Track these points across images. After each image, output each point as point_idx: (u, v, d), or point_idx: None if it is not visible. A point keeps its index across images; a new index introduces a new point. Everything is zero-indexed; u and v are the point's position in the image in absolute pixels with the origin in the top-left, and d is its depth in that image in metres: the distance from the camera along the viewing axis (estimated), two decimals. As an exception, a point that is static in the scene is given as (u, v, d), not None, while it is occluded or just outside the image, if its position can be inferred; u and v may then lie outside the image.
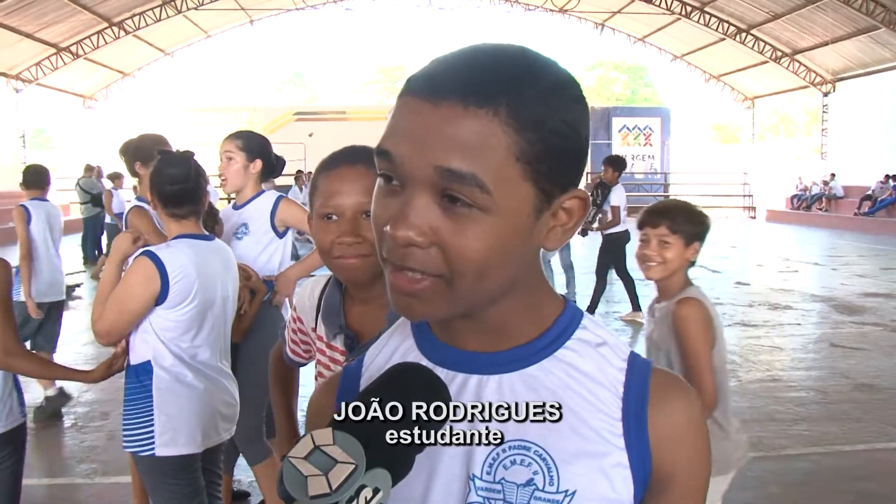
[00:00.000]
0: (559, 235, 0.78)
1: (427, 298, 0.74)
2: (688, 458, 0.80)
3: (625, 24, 28.04)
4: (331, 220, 1.45)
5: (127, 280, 2.44)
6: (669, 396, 0.80)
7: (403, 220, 0.72)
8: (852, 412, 5.42)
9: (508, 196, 0.71)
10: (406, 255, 0.73)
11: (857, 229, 21.60)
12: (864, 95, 24.73)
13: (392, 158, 0.73)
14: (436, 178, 0.70)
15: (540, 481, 0.77)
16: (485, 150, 0.70)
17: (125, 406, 2.55)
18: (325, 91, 55.97)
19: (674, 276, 2.52)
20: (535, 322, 0.82)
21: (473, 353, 0.82)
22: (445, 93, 0.71)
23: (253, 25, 28.31)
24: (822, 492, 4.08)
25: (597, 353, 0.82)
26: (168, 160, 2.56)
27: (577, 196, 0.77)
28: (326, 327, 1.61)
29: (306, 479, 0.61)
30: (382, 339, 0.93)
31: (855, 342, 7.61)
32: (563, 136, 0.73)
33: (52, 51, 23.05)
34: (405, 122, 0.73)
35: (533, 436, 0.77)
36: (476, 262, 0.72)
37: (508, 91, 0.71)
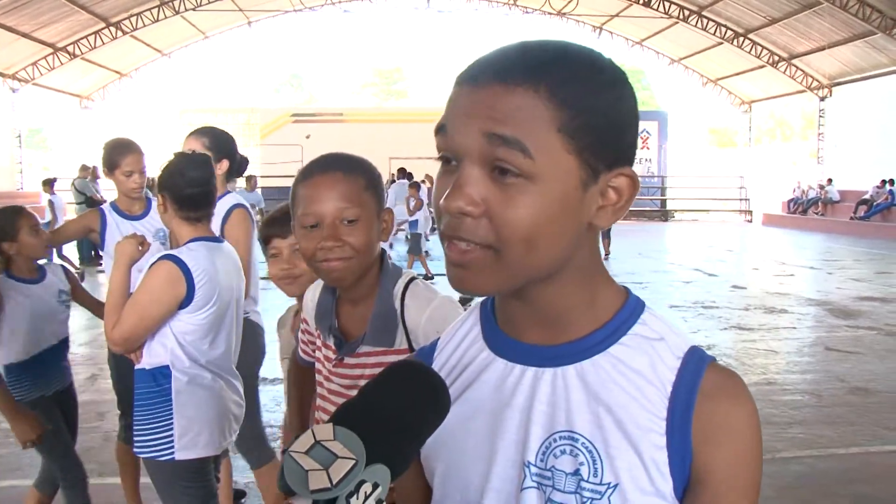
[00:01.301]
0: (609, 214, 0.81)
1: (477, 269, 0.78)
2: (726, 460, 0.79)
3: (622, 27, 28.09)
4: (313, 228, 1.49)
5: (149, 285, 2.37)
6: (717, 397, 0.80)
7: (456, 191, 0.76)
8: (847, 415, 5.44)
9: (552, 165, 0.75)
10: (458, 225, 0.77)
11: (852, 233, 21.65)
12: (860, 100, 24.79)
13: (446, 130, 0.79)
14: (484, 145, 0.75)
15: (585, 472, 0.80)
16: (527, 119, 0.74)
17: (140, 411, 2.49)
18: (323, 93, 55.97)
19: None
20: (593, 315, 0.85)
21: (532, 345, 0.86)
22: (488, 77, 0.76)
23: (250, 27, 28.29)
24: (817, 495, 4.09)
25: (652, 349, 0.83)
26: (187, 162, 2.52)
27: (624, 174, 0.80)
28: (319, 328, 1.66)
29: (307, 474, 0.62)
30: (458, 323, 0.97)
31: (850, 346, 7.63)
32: (601, 113, 0.77)
33: (49, 50, 23.02)
34: (454, 103, 0.79)
35: (582, 428, 0.81)
36: (524, 231, 0.75)
37: (547, 70, 0.76)
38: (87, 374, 6.25)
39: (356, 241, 1.48)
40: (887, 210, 21.73)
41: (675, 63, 29.78)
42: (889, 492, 4.20)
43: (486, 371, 0.88)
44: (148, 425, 2.46)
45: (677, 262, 15.00)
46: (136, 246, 2.56)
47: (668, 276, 12.98)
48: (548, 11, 27.03)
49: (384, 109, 39.71)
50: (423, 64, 65.18)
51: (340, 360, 1.60)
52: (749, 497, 0.80)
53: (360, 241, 1.49)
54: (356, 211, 1.48)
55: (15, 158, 25.48)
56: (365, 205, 1.49)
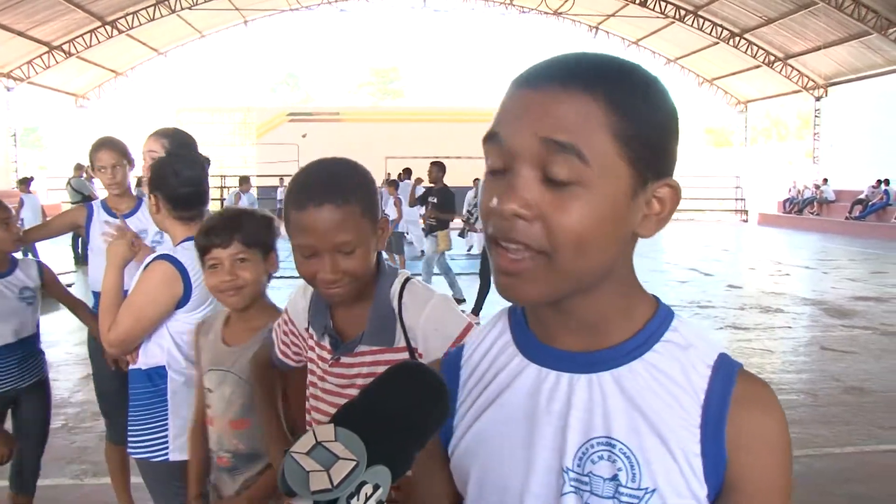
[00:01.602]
0: (653, 224, 0.82)
1: (529, 278, 0.79)
2: (760, 468, 0.81)
3: (619, 27, 28.11)
4: (309, 256, 1.47)
5: (146, 285, 2.35)
6: (749, 403, 0.82)
7: (510, 193, 0.76)
8: (842, 415, 5.45)
9: (606, 172, 0.76)
10: (511, 227, 0.77)
11: (847, 233, 21.69)
12: (855, 100, 24.85)
13: (499, 137, 0.78)
14: (539, 149, 0.75)
15: (623, 477, 0.81)
16: (584, 125, 0.75)
17: (134, 412, 2.46)
18: (319, 92, 55.96)
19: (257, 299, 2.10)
20: (627, 323, 0.86)
21: (567, 352, 0.87)
22: (546, 80, 0.77)
23: (247, 26, 28.27)
24: (812, 494, 4.10)
25: (684, 356, 0.85)
26: (180, 162, 2.50)
27: (669, 184, 0.82)
28: (313, 328, 1.65)
29: (308, 475, 0.62)
30: (484, 329, 0.97)
31: (845, 345, 7.64)
32: (655, 125, 0.79)
33: (45, 49, 22.97)
34: (510, 107, 0.79)
35: (619, 434, 0.82)
36: (576, 237, 0.76)
37: (605, 77, 0.77)
38: (83, 373, 6.24)
39: (355, 268, 1.48)
40: (882, 210, 21.79)
41: (671, 63, 29.81)
42: (884, 491, 4.21)
43: (519, 377, 0.89)
44: (143, 426, 2.44)
45: (673, 262, 15.01)
46: (127, 246, 2.52)
47: (663, 275, 12.99)
48: (544, 11, 27.04)
49: (380, 109, 39.70)
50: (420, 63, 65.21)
51: (337, 360, 1.59)
52: (783, 500, 0.83)
53: (359, 267, 1.48)
54: (353, 240, 1.45)
55: (10, 157, 25.44)
56: (361, 230, 1.46)
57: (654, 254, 16.51)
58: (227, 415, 2.04)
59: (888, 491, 4.21)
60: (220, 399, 2.04)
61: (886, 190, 21.82)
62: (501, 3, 27.87)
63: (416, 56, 67.36)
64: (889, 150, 22.38)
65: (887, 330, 8.39)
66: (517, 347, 0.91)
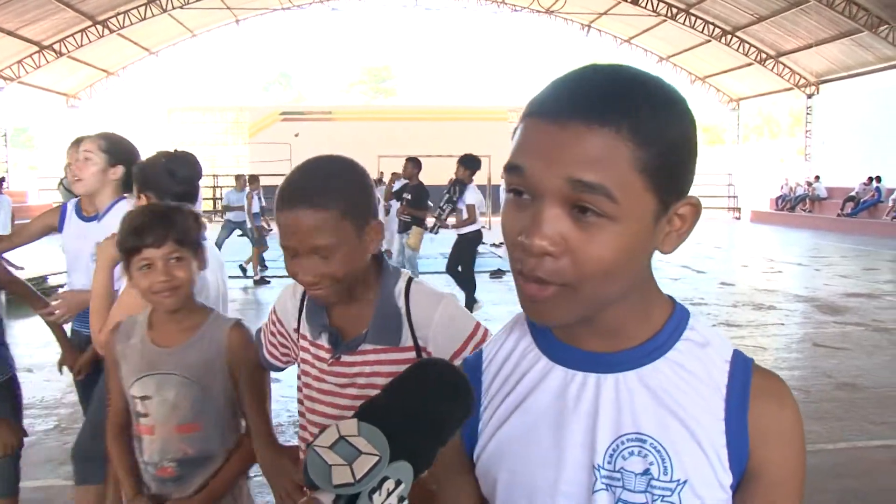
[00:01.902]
0: (674, 239, 0.84)
1: (555, 304, 0.80)
2: (778, 455, 0.86)
3: (611, 25, 28.14)
4: (293, 256, 1.47)
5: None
6: (767, 396, 0.87)
7: (537, 229, 0.77)
8: (835, 411, 5.46)
9: (633, 205, 0.77)
10: (538, 264, 0.78)
11: (839, 230, 21.78)
12: (847, 98, 24.95)
13: (523, 173, 0.78)
14: (567, 189, 0.75)
15: (655, 471, 0.84)
16: (611, 163, 0.75)
17: None
18: (312, 91, 55.89)
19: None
20: (647, 324, 0.89)
21: (591, 353, 0.89)
22: (570, 115, 0.76)
23: (239, 25, 28.20)
24: (806, 490, 4.09)
25: (703, 353, 0.89)
26: (178, 161, 2.49)
27: (690, 203, 0.83)
28: (310, 326, 1.63)
29: (331, 468, 0.62)
30: (501, 334, 0.99)
31: (837, 342, 7.67)
32: (677, 148, 0.79)
33: (35, 49, 22.88)
34: (534, 140, 0.78)
35: (649, 429, 0.85)
36: (604, 268, 0.78)
37: (627, 110, 0.76)
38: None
39: (334, 272, 1.45)
40: (874, 207, 21.90)
41: (663, 61, 29.86)
42: (876, 486, 4.22)
43: (546, 379, 0.91)
44: None
45: (665, 259, 15.02)
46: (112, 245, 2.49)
47: (656, 272, 12.70)
48: (536, 10, 27.06)
49: (373, 107, 39.70)
50: (412, 62, 65.19)
51: (337, 359, 1.57)
52: (799, 487, 0.89)
53: (338, 271, 1.46)
54: (330, 243, 1.43)
55: (0, 157, 25.32)
56: (342, 234, 1.44)
57: (646, 251, 16.52)
58: (172, 420, 1.95)
59: (880, 486, 4.23)
60: (160, 405, 1.95)
61: (878, 187, 21.92)
62: (493, 1, 27.85)
63: (408, 55, 67.35)
64: (880, 148, 22.48)
65: (879, 326, 8.42)
66: (540, 350, 0.93)
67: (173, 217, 1.96)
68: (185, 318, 2.01)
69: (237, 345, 2.00)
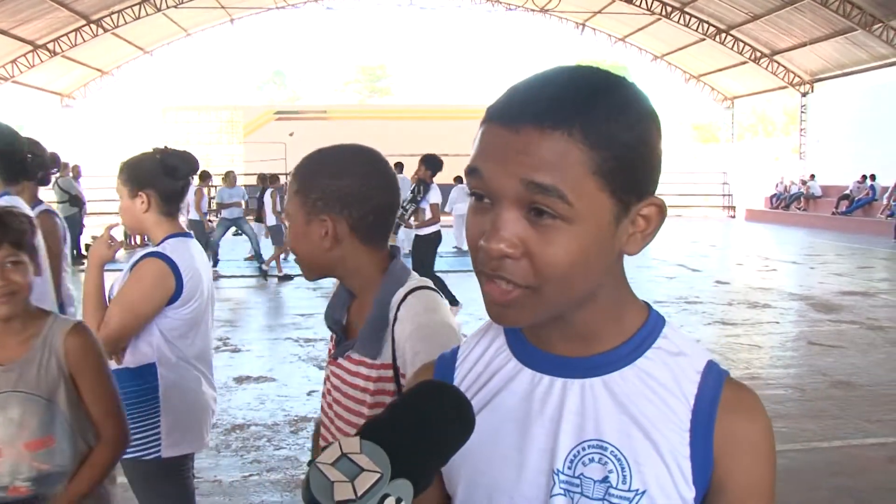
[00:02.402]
0: (639, 241, 0.84)
1: (518, 307, 0.81)
2: (745, 471, 0.84)
3: (605, 24, 28.14)
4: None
5: (139, 283, 2.35)
6: (736, 411, 0.85)
7: (495, 233, 0.78)
8: (829, 409, 5.48)
9: (588, 207, 0.78)
10: (499, 266, 0.79)
11: (834, 228, 21.83)
12: (841, 96, 25.00)
13: (481, 175, 0.80)
14: (522, 190, 0.77)
15: (614, 479, 0.83)
16: (563, 165, 0.76)
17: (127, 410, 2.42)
18: (306, 90, 55.80)
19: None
20: (619, 330, 0.89)
21: (560, 357, 0.89)
22: (523, 119, 0.77)
23: (233, 24, 28.14)
24: (799, 488, 4.12)
25: (674, 362, 0.87)
26: (176, 158, 2.50)
27: (654, 203, 0.83)
28: (326, 319, 1.63)
29: (332, 485, 0.63)
30: (477, 334, 0.99)
31: (832, 340, 7.69)
32: (633, 149, 0.79)
33: (29, 48, 22.80)
34: (490, 144, 0.80)
35: (611, 437, 0.84)
36: (562, 270, 0.79)
37: (579, 114, 0.77)
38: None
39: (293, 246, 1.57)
40: (868, 205, 21.94)
41: (657, 59, 29.88)
42: (871, 484, 4.24)
43: (513, 381, 0.91)
44: (133, 425, 2.38)
45: (661, 258, 15.05)
46: (106, 246, 2.44)
47: (651, 271, 13.03)
48: (530, 8, 27.06)
49: (368, 106, 39.67)
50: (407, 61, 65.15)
51: (334, 359, 1.57)
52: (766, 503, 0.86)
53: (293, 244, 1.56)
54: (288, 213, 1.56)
55: (-5, 157, 25.22)
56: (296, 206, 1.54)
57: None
58: (20, 438, 1.85)
59: (875, 484, 4.24)
60: (5, 425, 1.84)
61: (872, 185, 21.96)
62: (488, 0, 27.85)
63: (403, 54, 67.33)
64: (874, 146, 22.52)
65: (874, 324, 8.45)
66: (511, 352, 0.93)
67: (6, 220, 1.87)
68: (22, 327, 1.90)
69: (75, 350, 1.91)
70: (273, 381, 6.31)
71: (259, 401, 5.71)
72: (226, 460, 4.51)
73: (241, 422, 5.21)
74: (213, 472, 4.30)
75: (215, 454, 4.57)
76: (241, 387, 6.10)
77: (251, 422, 5.22)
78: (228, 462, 4.48)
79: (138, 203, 2.46)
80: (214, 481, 4.18)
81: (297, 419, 5.25)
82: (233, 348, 7.56)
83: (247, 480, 4.22)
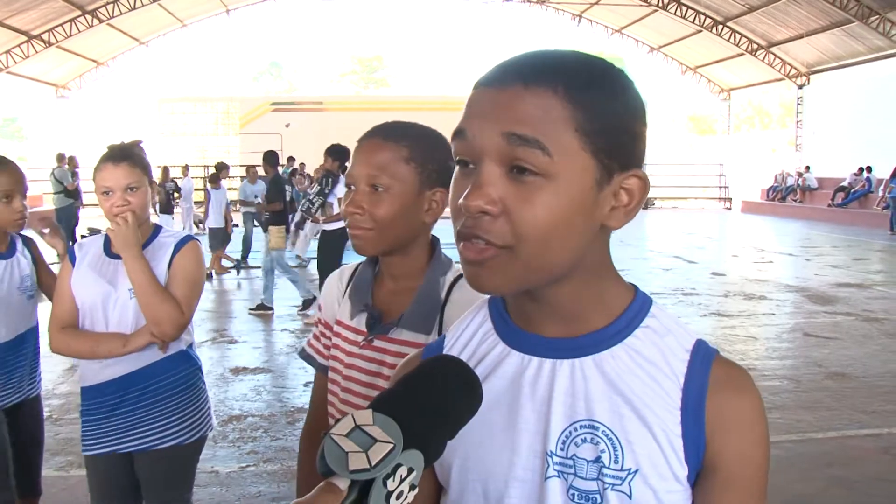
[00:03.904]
0: (622, 215, 0.83)
1: (494, 268, 0.80)
2: (737, 448, 0.84)
3: (602, 15, 28.10)
4: (351, 189, 1.49)
5: (199, 266, 2.47)
6: (726, 388, 0.85)
7: (475, 190, 0.78)
8: (825, 400, 5.51)
9: (569, 163, 0.78)
10: (476, 223, 0.79)
11: (830, 220, 21.86)
12: (837, 88, 24.99)
13: (465, 134, 0.80)
14: (504, 145, 0.77)
15: (606, 459, 0.83)
16: (546, 119, 0.77)
17: (174, 398, 2.43)
18: (303, 81, 55.64)
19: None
20: (605, 310, 0.88)
21: (548, 338, 0.88)
22: (508, 78, 0.79)
23: (229, 15, 28.03)
24: (795, 479, 4.14)
25: (663, 341, 0.87)
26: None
27: (636, 175, 0.83)
28: (352, 303, 1.57)
29: (347, 455, 0.65)
30: (465, 319, 0.98)
31: (828, 332, 7.72)
32: (617, 115, 0.80)
33: (24, 38, 22.69)
34: (476, 104, 0.81)
35: (602, 417, 0.84)
36: (540, 230, 0.78)
37: (565, 72, 0.79)
38: (66, 364, 6.20)
39: (379, 213, 1.45)
40: (864, 197, 21.97)
41: (654, 51, 29.86)
42: (866, 474, 4.26)
43: (502, 364, 0.90)
44: (183, 411, 2.46)
45: (657, 250, 15.08)
46: (134, 229, 2.32)
47: (648, 263, 13.05)
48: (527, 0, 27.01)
49: (364, 98, 39.54)
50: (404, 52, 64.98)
51: (369, 342, 1.51)
52: (759, 480, 0.86)
53: (384, 213, 1.45)
54: (387, 181, 1.44)
55: (-10, 148, 25.15)
56: (399, 176, 1.45)
57: (637, 242, 16.57)
58: None
59: (870, 474, 4.26)
60: None
61: (868, 177, 21.99)
62: (485, -9, 27.78)
63: (400, 45, 67.13)
64: (871, 138, 22.53)
65: (869, 316, 8.47)
66: (498, 335, 0.92)
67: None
68: None
69: None
70: (270, 372, 6.32)
71: (255, 392, 5.72)
72: (222, 451, 4.52)
73: (237, 413, 5.21)
74: (210, 462, 4.31)
75: (212, 445, 4.58)
76: (237, 378, 6.11)
77: (248, 413, 5.23)
78: (225, 453, 4.49)
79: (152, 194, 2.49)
80: (211, 472, 4.19)
81: (293, 410, 5.26)
82: (229, 339, 7.56)
83: (243, 471, 4.22)
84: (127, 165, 2.34)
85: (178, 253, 2.42)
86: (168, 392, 2.43)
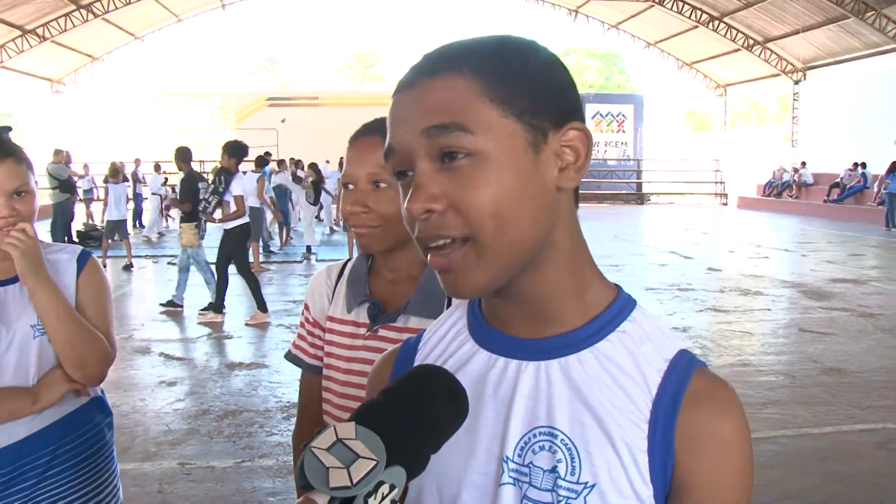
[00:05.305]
0: (573, 173, 0.79)
1: (465, 268, 0.76)
2: (712, 471, 0.76)
3: (598, 10, 28.09)
4: (348, 189, 1.48)
5: (104, 285, 1.95)
6: (704, 404, 0.77)
7: (414, 193, 0.75)
8: (820, 395, 5.51)
9: (496, 136, 0.74)
10: (427, 225, 0.76)
11: (826, 216, 21.90)
12: (833, 84, 25.03)
13: (393, 147, 0.78)
14: (427, 142, 0.75)
15: (562, 470, 0.77)
16: (457, 100, 0.74)
17: (84, 465, 1.84)
18: (298, 76, 55.54)
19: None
20: (580, 308, 0.83)
21: (517, 338, 0.84)
22: (416, 77, 0.78)
23: (225, 10, 27.97)
24: (790, 474, 4.15)
25: (638, 349, 0.81)
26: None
27: (573, 127, 0.78)
28: (351, 296, 1.56)
29: (328, 471, 0.62)
30: (443, 317, 0.95)
31: (823, 327, 7.73)
32: (529, 74, 0.77)
33: (18, 33, 22.62)
34: (394, 114, 0.79)
35: (562, 424, 0.78)
36: (490, 209, 0.74)
37: (468, 53, 0.77)
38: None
39: (384, 209, 1.44)
40: (860, 193, 22.01)
41: (650, 46, 29.85)
42: (861, 469, 4.27)
43: (469, 363, 0.86)
44: (99, 479, 1.90)
45: (653, 245, 15.09)
46: (37, 245, 1.78)
47: (644, 258, 13.06)
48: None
49: (360, 93, 39.49)
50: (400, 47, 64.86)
51: (374, 332, 1.49)
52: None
53: (389, 209, 1.43)
54: (390, 177, 1.39)
55: (-15, 143, 25.06)
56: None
57: (633, 237, 16.59)
58: None
59: (864, 469, 4.27)
60: None
61: (864, 173, 22.02)
62: (481, -14, 27.74)
63: (396, 40, 67.03)
64: (866, 134, 22.58)
65: (865, 312, 8.49)
66: (470, 334, 0.89)
67: None
68: None
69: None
70: (265, 367, 6.31)
71: (251, 387, 5.71)
72: (218, 446, 4.51)
73: (233, 408, 5.21)
74: (206, 458, 4.30)
75: (208, 440, 4.58)
76: (232, 373, 6.10)
77: (243, 408, 5.22)
78: (221, 448, 4.48)
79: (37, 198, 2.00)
80: (207, 467, 4.18)
81: (289, 405, 5.25)
82: (224, 335, 7.55)
83: (239, 467, 4.22)
84: (11, 163, 1.75)
85: (83, 272, 1.87)
86: (78, 457, 1.83)
